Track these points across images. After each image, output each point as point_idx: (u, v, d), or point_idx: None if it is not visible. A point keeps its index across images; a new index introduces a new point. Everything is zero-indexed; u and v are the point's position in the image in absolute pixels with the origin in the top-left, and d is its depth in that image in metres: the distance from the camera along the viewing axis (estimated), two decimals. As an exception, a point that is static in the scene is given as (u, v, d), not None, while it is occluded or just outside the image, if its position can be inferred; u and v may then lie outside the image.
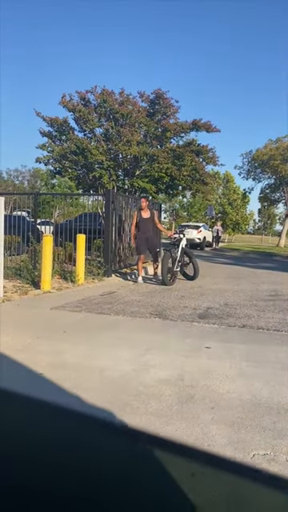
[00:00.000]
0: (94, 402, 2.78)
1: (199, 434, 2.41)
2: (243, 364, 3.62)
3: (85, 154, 12.66)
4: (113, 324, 4.98)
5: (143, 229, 8.97)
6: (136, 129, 13.05)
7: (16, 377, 3.24)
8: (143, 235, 8.96)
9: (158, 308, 5.99)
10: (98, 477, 0.50)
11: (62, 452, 0.53)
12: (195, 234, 23.04)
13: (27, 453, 0.52)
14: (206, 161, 14.43)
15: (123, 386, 3.07)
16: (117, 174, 13.46)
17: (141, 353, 3.84)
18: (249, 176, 38.23)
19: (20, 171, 51.87)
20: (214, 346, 4.12)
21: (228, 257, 19.78)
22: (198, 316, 5.52)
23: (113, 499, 0.48)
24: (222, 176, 46.55)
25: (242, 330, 4.90)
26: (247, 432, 2.46)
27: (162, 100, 13.33)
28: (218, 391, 3.03)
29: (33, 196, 10.64)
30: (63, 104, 13.26)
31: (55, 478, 0.49)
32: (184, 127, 13.52)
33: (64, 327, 4.67)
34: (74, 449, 0.53)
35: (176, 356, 3.78)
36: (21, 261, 8.92)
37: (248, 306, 6.37)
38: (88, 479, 0.49)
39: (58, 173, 14.50)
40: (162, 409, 2.73)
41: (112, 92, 13.11)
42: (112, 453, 0.53)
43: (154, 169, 13.02)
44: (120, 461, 0.52)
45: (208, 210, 36.94)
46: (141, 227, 8.97)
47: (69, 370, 3.32)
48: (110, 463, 0.52)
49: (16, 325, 4.75)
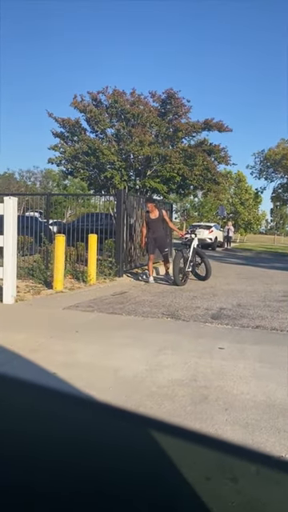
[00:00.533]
0: (108, 401, 2.77)
1: (213, 436, 2.38)
2: (257, 365, 3.59)
3: (97, 154, 12.71)
4: (125, 324, 4.97)
5: (152, 229, 9.02)
6: (147, 129, 13.06)
7: (30, 376, 3.25)
8: (152, 235, 9.00)
9: (170, 308, 5.97)
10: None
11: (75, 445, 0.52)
12: (207, 234, 22.96)
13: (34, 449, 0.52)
14: (217, 160, 14.39)
15: (136, 385, 3.06)
16: (128, 174, 13.48)
17: (153, 353, 3.83)
18: (261, 175, 37.90)
19: (32, 172, 52.31)
20: (228, 347, 4.09)
21: (240, 257, 19.67)
22: (210, 316, 5.49)
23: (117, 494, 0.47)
24: (234, 176, 46.31)
25: (255, 330, 4.86)
26: (262, 434, 2.43)
27: (173, 100, 13.32)
28: (232, 392, 3.01)
29: (45, 197, 10.70)
30: (75, 105, 13.34)
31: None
32: (196, 127, 13.48)
33: (76, 327, 4.68)
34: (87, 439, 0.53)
35: (189, 356, 3.76)
36: (33, 261, 8.97)
37: (261, 307, 6.31)
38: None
39: (69, 173, 14.59)
40: (176, 409, 2.71)
41: (123, 92, 13.15)
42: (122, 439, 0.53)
43: (166, 169, 13.01)
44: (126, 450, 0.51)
45: (219, 210, 36.76)
46: (150, 228, 9.03)
47: (82, 370, 3.33)
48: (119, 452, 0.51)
49: (29, 324, 4.77)
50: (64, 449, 0.52)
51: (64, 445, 0.53)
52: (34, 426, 0.55)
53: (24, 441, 0.53)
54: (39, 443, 0.52)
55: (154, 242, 9.01)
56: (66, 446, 0.53)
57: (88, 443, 0.52)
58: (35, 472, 0.49)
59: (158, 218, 9.07)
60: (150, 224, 9.02)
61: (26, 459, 0.50)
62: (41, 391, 0.60)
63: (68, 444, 0.53)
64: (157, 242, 9.06)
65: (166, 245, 9.43)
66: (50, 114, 13.71)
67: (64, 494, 0.47)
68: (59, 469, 0.50)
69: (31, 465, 0.49)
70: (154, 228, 9.03)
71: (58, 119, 13.69)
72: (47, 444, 0.52)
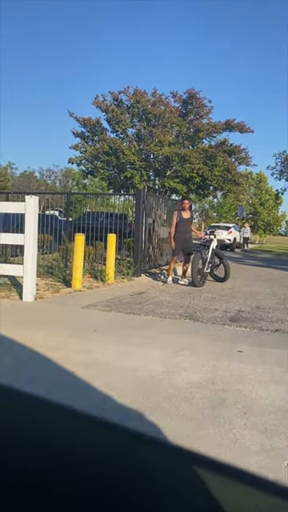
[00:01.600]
0: (125, 402, 2.79)
1: (231, 440, 2.37)
2: (276, 369, 3.54)
3: (117, 154, 12.75)
4: (143, 324, 4.98)
5: (182, 229, 8.82)
6: (168, 129, 13.04)
7: (49, 375, 3.28)
8: (182, 236, 8.81)
9: (188, 309, 5.95)
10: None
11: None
12: (225, 235, 22.81)
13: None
14: (238, 161, 14.27)
15: (154, 387, 3.06)
16: (148, 174, 13.49)
17: (171, 354, 3.82)
18: (282, 176, 37.40)
19: (52, 171, 52.71)
20: (246, 350, 4.06)
21: (259, 258, 19.47)
22: (229, 319, 5.45)
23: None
24: (254, 176, 45.83)
25: (274, 334, 4.81)
26: (281, 439, 2.40)
27: (194, 100, 13.27)
28: (251, 396, 2.98)
29: (65, 196, 10.79)
30: (96, 104, 13.41)
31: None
32: (217, 127, 13.40)
33: (95, 326, 4.71)
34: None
35: (207, 359, 3.74)
36: (53, 259, 9.06)
37: (281, 310, 6.24)
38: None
39: (89, 173, 14.69)
40: (193, 412, 2.70)
41: (144, 92, 13.15)
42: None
43: (186, 169, 12.97)
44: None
45: (238, 211, 36.45)
46: (180, 227, 8.81)
47: (100, 369, 3.35)
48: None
49: (48, 322, 4.82)
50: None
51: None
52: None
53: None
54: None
55: (184, 242, 8.84)
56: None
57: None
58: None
59: (189, 218, 8.96)
60: (181, 224, 8.81)
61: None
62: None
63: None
64: (185, 242, 8.88)
65: (192, 246, 9.21)
66: (71, 114, 13.83)
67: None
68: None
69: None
70: (184, 228, 8.85)
71: (79, 119, 13.80)
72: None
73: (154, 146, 12.48)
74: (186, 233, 8.89)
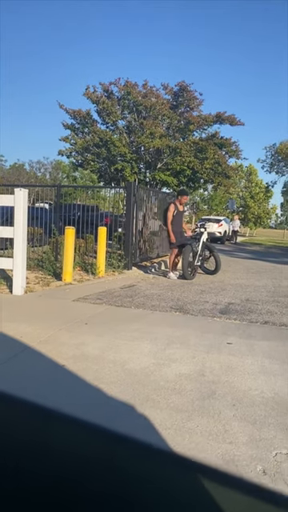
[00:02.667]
0: (115, 394, 2.80)
1: (220, 431, 2.40)
2: (265, 361, 3.58)
3: (108, 146, 12.66)
4: (133, 317, 4.99)
5: (178, 222, 8.73)
6: (159, 121, 12.97)
7: (39, 368, 3.28)
8: (178, 229, 8.72)
9: (179, 302, 5.97)
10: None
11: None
12: (216, 228, 22.86)
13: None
14: (228, 154, 14.26)
15: (144, 379, 3.07)
16: (138, 166, 13.43)
17: (162, 347, 3.84)
18: (272, 169, 37.63)
19: (42, 163, 52.24)
20: (236, 342, 4.09)
21: (249, 251, 19.57)
22: (218, 311, 5.48)
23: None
24: (245, 169, 45.90)
25: (264, 326, 4.85)
26: (269, 430, 2.44)
27: (185, 92, 13.20)
28: (240, 388, 3.01)
29: (55, 188, 10.71)
30: (87, 96, 13.27)
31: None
32: (207, 120, 13.36)
33: (85, 319, 4.70)
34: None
35: (197, 351, 3.77)
36: (43, 252, 9.02)
37: (270, 302, 6.29)
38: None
39: (80, 165, 14.57)
40: (183, 404, 2.72)
41: (135, 84, 13.04)
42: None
43: (176, 162, 12.92)
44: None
45: (229, 204, 36.56)
46: (175, 221, 8.69)
47: (90, 363, 3.35)
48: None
49: (38, 316, 4.81)
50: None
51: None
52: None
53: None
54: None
55: (180, 235, 8.74)
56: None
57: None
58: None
59: (183, 211, 9.01)
60: (177, 217, 8.72)
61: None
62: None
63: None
64: (182, 235, 8.81)
65: (186, 240, 8.92)
66: (61, 106, 13.67)
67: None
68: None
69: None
70: (179, 221, 8.79)
71: (69, 111, 13.64)
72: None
73: (145, 138, 12.41)
74: (180, 226, 8.86)
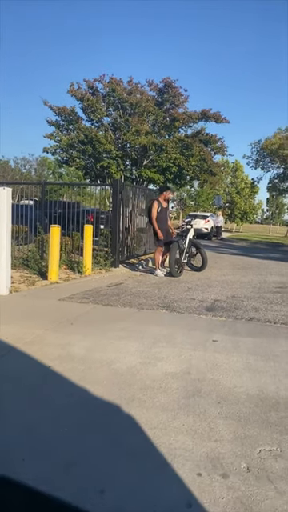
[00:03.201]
0: (102, 395, 2.80)
1: (206, 429, 2.42)
2: (250, 358, 3.62)
3: (93, 143, 12.62)
4: (120, 316, 4.99)
5: (163, 219, 8.59)
6: (144, 118, 12.96)
7: (25, 369, 3.27)
8: (163, 226, 8.55)
9: (166, 300, 5.99)
10: None
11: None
12: (203, 224, 22.97)
13: None
14: (214, 151, 14.33)
15: (130, 379, 3.09)
16: (124, 163, 13.41)
17: (148, 345, 3.85)
18: (257, 165, 37.83)
19: (27, 160, 51.71)
20: (221, 340, 4.13)
21: (235, 247, 19.71)
22: (205, 308, 5.52)
23: None
24: (231, 165, 46.15)
25: (249, 322, 4.90)
26: (254, 427, 2.47)
27: (170, 89, 13.21)
28: (225, 385, 3.04)
29: (40, 185, 10.63)
30: (71, 93, 13.20)
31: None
32: (193, 117, 13.40)
33: (72, 319, 4.69)
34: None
35: (183, 349, 3.79)
36: (28, 250, 8.94)
37: (255, 299, 6.35)
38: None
39: (65, 162, 14.50)
40: (169, 402, 2.74)
41: (120, 81, 13.00)
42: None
43: (162, 159, 12.94)
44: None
45: (216, 200, 36.72)
46: (160, 218, 8.54)
47: (77, 363, 3.35)
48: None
49: (24, 316, 4.78)
50: None
51: None
52: None
53: None
54: None
55: (166, 233, 8.62)
56: None
57: None
58: None
59: (167, 207, 8.86)
60: (162, 214, 8.56)
61: None
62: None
63: None
64: (167, 233, 8.66)
65: (171, 237, 8.80)
66: (46, 102, 13.57)
67: None
68: None
69: None
70: (164, 218, 8.64)
71: (53, 107, 13.55)
72: None
73: (131, 135, 12.40)
74: (166, 223, 8.71)
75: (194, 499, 1.83)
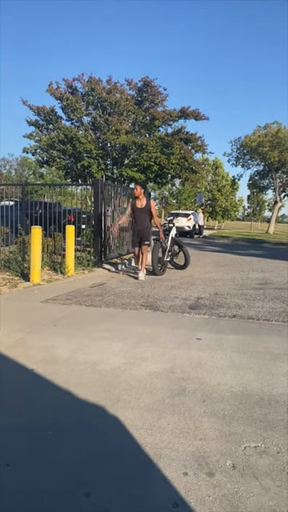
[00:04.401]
0: (86, 397, 2.79)
1: (191, 428, 2.43)
2: (234, 355, 3.65)
3: (73, 142, 12.53)
4: (104, 316, 4.97)
5: (138, 220, 8.02)
6: (124, 117, 12.93)
7: (7, 373, 3.22)
8: (136, 227, 8.06)
9: (149, 299, 5.99)
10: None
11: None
12: (185, 222, 23.06)
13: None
14: (194, 149, 14.40)
15: (115, 380, 3.08)
16: (105, 163, 13.37)
17: (132, 346, 3.85)
18: (238, 163, 38.26)
19: (7, 160, 51.16)
20: (205, 338, 4.15)
21: (218, 244, 19.85)
22: (188, 307, 5.54)
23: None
24: (211, 162, 46.46)
25: (232, 320, 4.94)
26: (239, 424, 2.49)
27: (149, 88, 13.22)
28: (210, 383, 3.06)
29: (21, 186, 10.50)
30: (50, 92, 13.08)
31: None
32: (172, 115, 13.44)
33: (55, 321, 4.65)
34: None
35: (167, 348, 3.80)
36: (9, 252, 8.84)
37: (238, 296, 6.41)
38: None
39: (45, 162, 14.36)
40: (154, 402, 2.74)
41: (99, 80, 12.94)
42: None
43: (143, 158, 12.95)
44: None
45: (197, 197, 36.93)
46: (135, 218, 8.06)
47: (60, 365, 3.32)
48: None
49: (6, 319, 4.72)
50: None
51: None
52: None
53: None
54: None
55: (138, 234, 8.08)
56: None
57: None
58: None
59: (145, 208, 8.00)
60: (136, 214, 8.03)
61: None
62: None
63: None
64: (139, 234, 8.07)
65: (147, 237, 8.22)
66: (25, 102, 13.40)
67: None
68: None
69: None
70: (138, 219, 8.03)
71: (32, 107, 13.41)
72: None
73: (111, 134, 12.36)
74: (140, 224, 8.05)
75: (181, 498, 1.83)
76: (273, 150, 33.05)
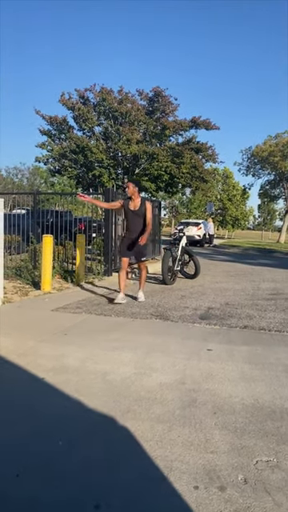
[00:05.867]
0: (96, 407, 2.77)
1: (202, 441, 2.40)
2: (245, 367, 3.61)
3: (85, 152, 12.64)
4: (114, 326, 4.97)
5: (130, 226, 6.44)
6: (135, 127, 13.02)
7: (18, 382, 3.23)
8: (129, 236, 6.39)
9: (159, 308, 5.98)
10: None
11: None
12: (195, 231, 23.03)
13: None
14: (205, 158, 14.42)
15: (125, 390, 3.06)
16: (116, 172, 13.45)
17: (142, 356, 3.83)
18: (248, 172, 38.25)
19: (19, 169, 51.79)
20: (216, 348, 4.12)
21: (228, 254, 19.77)
22: (199, 317, 5.51)
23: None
24: (221, 172, 46.51)
25: (243, 331, 4.90)
26: (250, 437, 2.46)
27: (160, 98, 13.31)
28: (221, 395, 3.02)
29: (32, 195, 10.60)
30: (62, 102, 13.24)
31: None
32: (183, 125, 13.50)
33: (65, 329, 4.66)
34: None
35: (178, 359, 3.77)
36: (21, 260, 8.90)
37: (249, 306, 6.36)
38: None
39: (57, 172, 14.50)
40: (164, 414, 2.72)
41: (111, 90, 13.07)
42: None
43: (154, 167, 13.01)
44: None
45: (208, 207, 36.90)
46: (128, 223, 6.53)
47: (70, 374, 3.32)
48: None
49: (17, 327, 4.74)
50: None
51: None
52: None
53: None
54: None
55: (131, 245, 6.34)
56: None
57: None
58: None
59: (139, 211, 6.34)
60: (129, 217, 6.45)
61: None
62: None
63: None
64: (133, 246, 6.32)
65: (145, 252, 6.64)
66: (38, 112, 13.59)
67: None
68: None
69: None
70: (132, 224, 6.41)
71: (45, 117, 13.58)
72: None
73: (122, 144, 12.44)
74: (134, 232, 6.35)
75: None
76: (284, 159, 33.00)
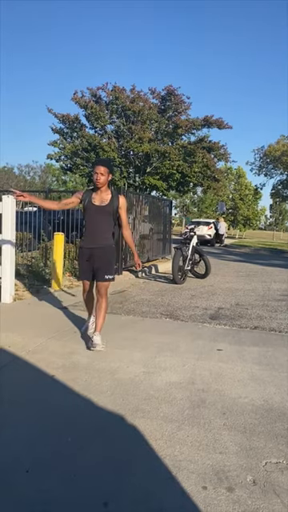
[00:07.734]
0: (105, 405, 2.78)
1: (211, 441, 2.39)
2: (255, 368, 3.59)
3: (96, 150, 12.67)
4: (124, 324, 4.97)
5: (91, 229, 4.11)
6: (147, 126, 13.01)
7: (28, 379, 3.25)
8: (89, 243, 4.11)
9: (169, 308, 5.97)
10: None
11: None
12: (206, 231, 22.96)
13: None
14: (217, 157, 14.35)
15: (134, 388, 3.06)
16: (128, 171, 13.45)
17: (152, 354, 3.83)
18: (260, 172, 37.88)
19: (31, 167, 52.14)
20: (226, 349, 4.10)
21: (239, 254, 19.66)
22: (209, 317, 5.49)
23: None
24: (234, 171, 46.25)
25: (253, 331, 4.87)
26: (259, 439, 2.44)
27: (173, 96, 13.27)
28: (230, 396, 3.01)
29: (44, 193, 10.66)
30: (75, 100, 13.29)
31: None
32: (195, 123, 13.45)
33: (75, 327, 4.68)
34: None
35: (187, 358, 3.76)
36: (32, 257, 8.95)
37: (260, 307, 6.32)
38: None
39: (69, 169, 14.55)
40: (173, 413, 2.72)
41: (123, 89, 13.08)
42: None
43: (165, 166, 12.98)
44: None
45: (219, 206, 36.73)
46: (87, 224, 4.14)
47: (80, 372, 3.33)
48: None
49: (27, 324, 4.77)
50: None
51: None
52: None
53: None
54: None
55: (89, 257, 4.07)
56: None
57: None
58: None
59: (108, 207, 4.07)
60: (89, 216, 4.11)
61: None
62: None
63: None
64: (93, 259, 4.05)
65: (110, 268, 4.15)
66: (50, 110, 13.65)
67: None
68: None
69: None
70: (92, 226, 4.11)
71: (57, 115, 13.63)
72: None
73: (134, 142, 12.45)
74: (95, 236, 4.10)
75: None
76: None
